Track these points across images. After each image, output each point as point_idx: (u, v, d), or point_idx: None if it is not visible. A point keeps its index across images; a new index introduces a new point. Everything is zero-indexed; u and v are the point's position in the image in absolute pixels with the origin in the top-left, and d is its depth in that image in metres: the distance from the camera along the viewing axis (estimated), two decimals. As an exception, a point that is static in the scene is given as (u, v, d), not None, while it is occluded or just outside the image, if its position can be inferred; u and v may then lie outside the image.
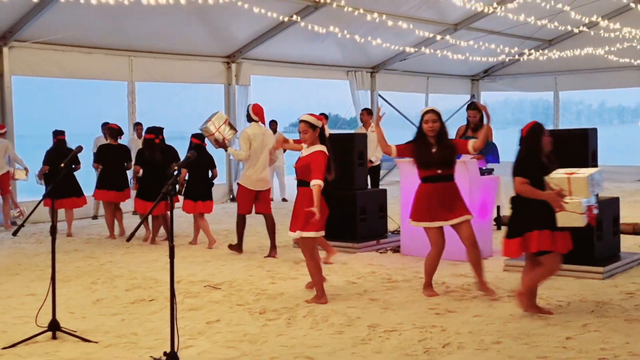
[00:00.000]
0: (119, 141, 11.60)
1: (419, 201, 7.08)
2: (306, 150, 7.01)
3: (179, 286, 7.45)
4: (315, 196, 6.58)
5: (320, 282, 6.95)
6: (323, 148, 6.95)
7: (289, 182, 17.30)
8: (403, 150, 7.24)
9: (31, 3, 11.74)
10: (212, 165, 10.40)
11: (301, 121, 6.97)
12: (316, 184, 6.65)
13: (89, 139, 13.95)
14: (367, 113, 14.15)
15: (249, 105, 9.76)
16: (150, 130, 10.69)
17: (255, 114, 9.49)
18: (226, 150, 9.93)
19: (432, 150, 6.98)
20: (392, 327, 5.92)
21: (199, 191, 10.19)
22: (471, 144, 6.97)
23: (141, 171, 10.63)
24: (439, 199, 6.97)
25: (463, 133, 10.34)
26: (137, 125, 14.25)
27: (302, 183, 6.95)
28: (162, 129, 10.80)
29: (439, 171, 6.97)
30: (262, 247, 10.14)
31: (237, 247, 9.69)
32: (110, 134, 11.57)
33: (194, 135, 10.20)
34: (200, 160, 10.13)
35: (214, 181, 10.50)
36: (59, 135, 11.76)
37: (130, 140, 14.35)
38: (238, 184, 9.69)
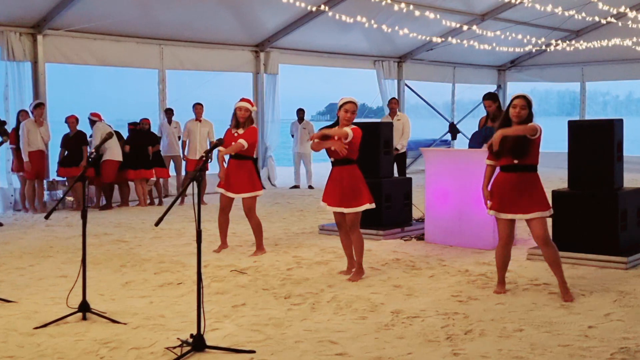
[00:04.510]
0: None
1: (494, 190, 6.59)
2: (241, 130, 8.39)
3: (206, 270, 7.49)
4: (233, 148, 8.22)
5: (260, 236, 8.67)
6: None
7: (315, 169, 17.34)
8: None
9: (64, -9, 11.86)
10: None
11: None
12: (241, 142, 8.23)
13: (121, 125, 14.10)
14: (396, 101, 14.64)
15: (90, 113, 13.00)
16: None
17: (94, 116, 12.98)
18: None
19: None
20: (415, 313, 5.91)
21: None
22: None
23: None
24: (511, 189, 6.42)
25: (484, 124, 10.26)
26: (168, 112, 14.40)
27: (239, 157, 8.37)
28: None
29: (516, 161, 6.40)
30: (289, 233, 10.18)
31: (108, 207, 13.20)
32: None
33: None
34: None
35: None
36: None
37: (161, 125, 14.47)
38: (106, 160, 12.93)
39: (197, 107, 13.98)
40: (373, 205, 7.28)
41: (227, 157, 8.57)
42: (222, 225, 8.82)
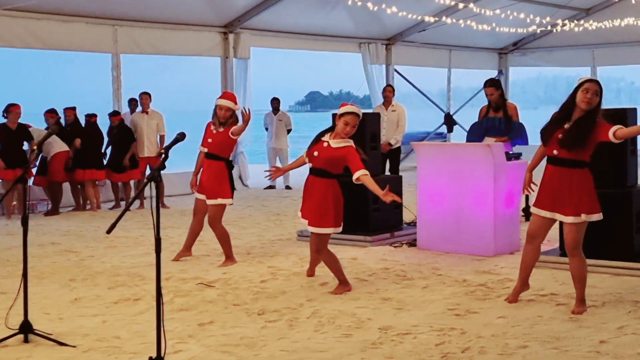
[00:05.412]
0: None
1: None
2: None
3: (168, 284, 7.48)
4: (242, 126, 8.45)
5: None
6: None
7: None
8: None
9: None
10: None
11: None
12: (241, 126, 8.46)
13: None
14: (391, 89, 14.31)
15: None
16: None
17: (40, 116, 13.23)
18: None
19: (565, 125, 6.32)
20: (406, 329, 5.94)
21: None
22: (613, 130, 6.11)
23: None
24: (550, 185, 6.43)
25: (485, 114, 10.32)
26: (133, 102, 14.32)
27: (212, 156, 8.49)
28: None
29: (555, 152, 6.36)
30: (263, 240, 10.18)
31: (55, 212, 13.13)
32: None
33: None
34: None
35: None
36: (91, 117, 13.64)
37: (124, 115, 14.38)
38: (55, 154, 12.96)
39: (143, 97, 13.88)
40: (337, 230, 7.25)
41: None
42: (192, 229, 8.90)
